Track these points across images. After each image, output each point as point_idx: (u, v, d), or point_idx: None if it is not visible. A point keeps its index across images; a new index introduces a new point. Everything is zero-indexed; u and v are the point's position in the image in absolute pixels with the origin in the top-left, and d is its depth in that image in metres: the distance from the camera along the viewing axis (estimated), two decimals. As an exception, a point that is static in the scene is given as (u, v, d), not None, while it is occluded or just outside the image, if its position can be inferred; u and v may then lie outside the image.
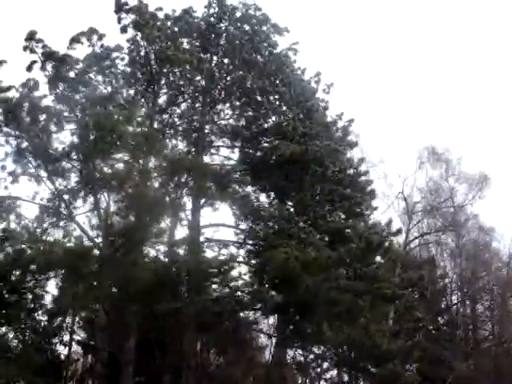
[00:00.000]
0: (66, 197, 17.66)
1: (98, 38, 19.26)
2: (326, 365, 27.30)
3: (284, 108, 21.54)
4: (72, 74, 17.34)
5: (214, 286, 20.34)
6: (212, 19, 22.17)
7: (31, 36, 17.14)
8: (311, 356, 26.88)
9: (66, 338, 22.53)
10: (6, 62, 16.61)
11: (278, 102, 22.01)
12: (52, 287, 19.82)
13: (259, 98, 21.45)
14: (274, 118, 21.50)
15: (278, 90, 21.74)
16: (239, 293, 21.09)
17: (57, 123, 16.95)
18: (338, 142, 22.00)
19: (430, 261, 33.79)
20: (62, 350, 22.67)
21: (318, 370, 28.64)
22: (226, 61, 21.63)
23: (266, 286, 20.24)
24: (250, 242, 21.39)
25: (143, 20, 18.99)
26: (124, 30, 20.12)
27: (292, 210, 21.53)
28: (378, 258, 22.05)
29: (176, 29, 21.57)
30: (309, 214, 20.70)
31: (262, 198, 22.38)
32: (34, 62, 17.41)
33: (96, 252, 17.02)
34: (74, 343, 23.49)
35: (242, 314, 22.61)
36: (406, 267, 27.80)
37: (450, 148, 37.83)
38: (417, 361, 26.34)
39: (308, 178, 20.70)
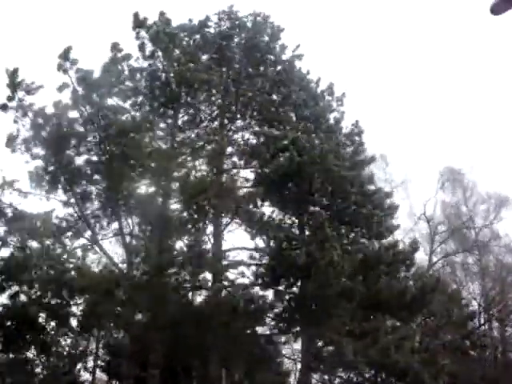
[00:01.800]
0: (90, 220, 17.75)
1: (122, 57, 19.60)
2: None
3: (301, 124, 21.50)
4: (97, 97, 17.26)
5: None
6: (225, 32, 22.42)
7: (66, 54, 16.92)
8: (337, 381, 26.68)
9: (90, 363, 22.75)
10: (43, 87, 16.78)
11: (294, 118, 22.08)
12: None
13: (275, 115, 21.47)
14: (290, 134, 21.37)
15: (292, 103, 21.91)
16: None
17: (82, 146, 17.07)
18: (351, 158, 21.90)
19: (454, 283, 33.48)
20: (86, 376, 22.85)
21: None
22: (241, 75, 21.62)
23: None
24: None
25: (162, 38, 19.21)
26: (142, 47, 20.29)
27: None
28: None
29: (191, 42, 21.85)
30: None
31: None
32: (67, 85, 17.26)
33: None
34: (98, 369, 23.61)
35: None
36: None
37: (469, 169, 38.09)
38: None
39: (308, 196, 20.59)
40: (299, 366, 25.63)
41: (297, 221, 21.64)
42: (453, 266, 35.79)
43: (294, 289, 20.66)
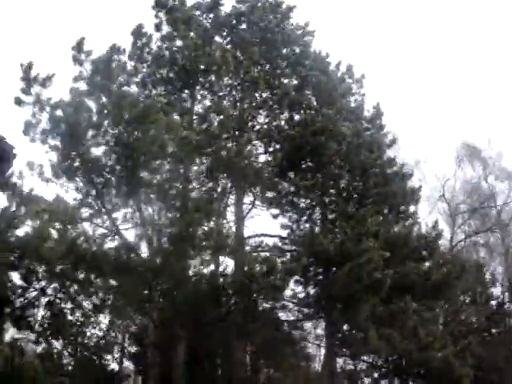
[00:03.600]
0: (110, 210, 17.67)
1: (142, 44, 19.60)
2: (376, 374, 26.95)
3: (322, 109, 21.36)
4: (114, 86, 17.14)
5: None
6: (240, 13, 22.39)
7: (79, 46, 16.75)
8: (361, 365, 26.66)
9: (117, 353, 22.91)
10: (55, 76, 16.55)
11: (315, 103, 21.98)
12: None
13: (295, 98, 21.35)
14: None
15: (312, 87, 21.83)
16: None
17: (100, 136, 16.94)
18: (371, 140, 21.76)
19: (477, 264, 33.16)
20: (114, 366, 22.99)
21: (370, 379, 28.26)
22: (255, 58, 21.24)
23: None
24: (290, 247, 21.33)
25: (178, 19, 19.25)
26: (159, 27, 20.40)
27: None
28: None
29: (205, 22, 21.85)
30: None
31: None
32: (82, 76, 17.10)
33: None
34: (125, 359, 23.76)
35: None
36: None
37: (487, 143, 37.71)
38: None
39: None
40: (323, 350, 25.76)
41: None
42: (475, 246, 35.50)
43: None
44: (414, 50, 63.47)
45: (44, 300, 18.44)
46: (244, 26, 22.51)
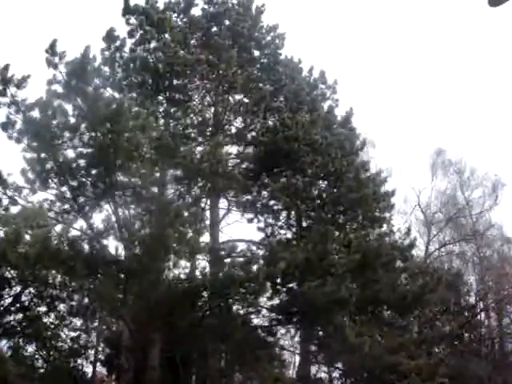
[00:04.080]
0: (85, 213, 17.68)
1: (115, 48, 19.74)
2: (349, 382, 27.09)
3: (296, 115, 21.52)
4: (89, 88, 17.16)
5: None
6: (213, 15, 22.50)
7: (52, 48, 16.60)
8: (336, 373, 26.78)
9: (91, 357, 22.77)
10: (30, 77, 16.56)
11: (288, 107, 22.03)
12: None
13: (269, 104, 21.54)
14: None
15: (284, 94, 22.06)
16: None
17: (76, 138, 16.99)
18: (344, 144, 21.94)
19: (456, 273, 33.37)
20: (87, 370, 22.84)
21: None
22: (231, 63, 21.21)
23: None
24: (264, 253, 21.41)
25: (152, 22, 19.41)
26: (131, 34, 20.62)
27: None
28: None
29: (180, 23, 21.98)
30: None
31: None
32: (56, 79, 17.06)
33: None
34: (98, 363, 23.63)
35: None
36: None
37: (463, 153, 37.99)
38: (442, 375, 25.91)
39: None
40: (298, 358, 25.84)
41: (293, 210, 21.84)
42: (450, 256, 35.82)
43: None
44: (388, 58, 63.81)
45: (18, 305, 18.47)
46: (216, 28, 22.65)
